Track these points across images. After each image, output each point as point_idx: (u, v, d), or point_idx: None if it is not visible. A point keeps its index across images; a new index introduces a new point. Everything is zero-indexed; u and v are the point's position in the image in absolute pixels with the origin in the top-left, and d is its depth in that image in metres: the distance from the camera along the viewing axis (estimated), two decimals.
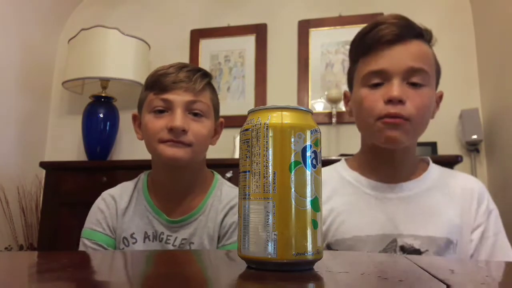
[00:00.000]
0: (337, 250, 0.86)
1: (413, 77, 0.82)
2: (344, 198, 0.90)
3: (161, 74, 0.93)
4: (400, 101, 0.80)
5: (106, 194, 1.00)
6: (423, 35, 0.87)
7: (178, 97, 0.91)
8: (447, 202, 0.87)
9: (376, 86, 0.84)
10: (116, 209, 0.96)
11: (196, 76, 0.93)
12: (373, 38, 0.85)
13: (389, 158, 0.88)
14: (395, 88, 0.80)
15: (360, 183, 0.90)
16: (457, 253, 0.84)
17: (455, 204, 0.87)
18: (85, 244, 0.95)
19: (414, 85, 0.82)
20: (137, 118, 1.01)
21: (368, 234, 0.84)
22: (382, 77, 0.83)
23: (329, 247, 0.88)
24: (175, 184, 0.96)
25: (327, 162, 1.05)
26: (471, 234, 0.85)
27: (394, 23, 0.84)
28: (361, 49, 0.89)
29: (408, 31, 0.84)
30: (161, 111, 0.92)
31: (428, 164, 0.93)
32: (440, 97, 0.92)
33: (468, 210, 0.86)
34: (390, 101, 0.81)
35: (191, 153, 0.91)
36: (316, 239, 0.40)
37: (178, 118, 0.89)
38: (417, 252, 0.82)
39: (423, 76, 0.83)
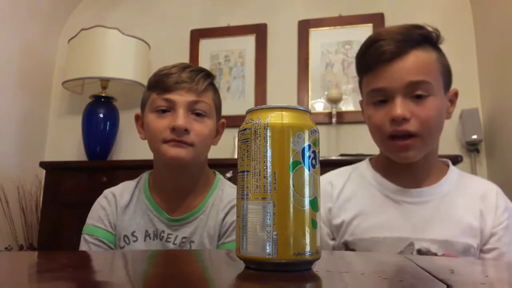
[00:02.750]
0: (354, 249, 0.87)
1: (416, 90, 0.82)
2: (364, 198, 0.90)
3: (164, 74, 0.94)
4: (404, 119, 0.81)
5: (107, 191, 1.01)
6: (424, 40, 0.85)
7: (181, 97, 0.92)
8: (466, 205, 0.87)
9: (381, 102, 0.85)
10: (117, 206, 0.97)
11: (199, 76, 0.94)
12: (371, 56, 0.85)
13: (408, 166, 0.88)
14: (397, 107, 0.81)
15: (381, 185, 0.90)
16: (479, 255, 0.84)
17: (474, 207, 0.86)
18: (86, 240, 0.95)
19: (419, 97, 0.82)
20: (140, 118, 1.02)
21: (386, 236, 0.85)
22: (384, 95, 0.84)
23: (346, 245, 0.88)
24: (177, 183, 0.97)
25: (326, 162, 1.06)
26: (493, 229, 0.85)
27: (392, 38, 0.83)
28: (362, 67, 0.90)
29: (406, 44, 0.83)
30: (163, 111, 0.93)
31: (448, 166, 0.93)
32: (455, 95, 0.91)
33: (487, 211, 0.86)
34: (394, 120, 0.81)
35: (193, 152, 0.92)
36: (315, 239, 0.40)
37: (181, 118, 0.90)
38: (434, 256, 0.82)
39: (426, 87, 0.82)
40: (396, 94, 0.82)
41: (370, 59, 0.85)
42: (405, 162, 0.85)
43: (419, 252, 0.83)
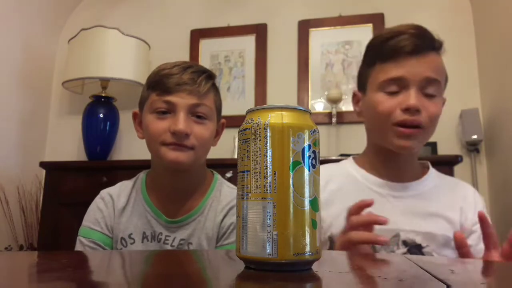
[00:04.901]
0: None
1: (428, 87, 0.87)
2: (350, 193, 0.93)
3: (165, 74, 0.91)
4: (417, 110, 0.85)
5: (105, 192, 0.99)
6: (437, 47, 0.90)
7: (182, 100, 0.89)
8: (447, 201, 0.92)
9: (393, 93, 0.88)
10: (114, 209, 0.96)
11: (201, 78, 0.91)
12: (393, 47, 0.88)
13: (393, 159, 0.92)
14: (413, 97, 0.85)
15: (367, 180, 0.94)
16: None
17: (455, 203, 0.92)
18: (82, 242, 0.94)
19: (428, 95, 0.87)
20: (138, 116, 0.99)
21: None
22: (400, 85, 0.87)
23: (332, 239, 0.90)
24: (175, 185, 0.95)
25: (327, 162, 1.06)
26: (473, 226, 0.90)
27: (414, 34, 0.87)
28: (379, 55, 0.92)
29: (427, 43, 0.88)
30: (163, 112, 0.90)
31: (428, 168, 0.99)
32: (443, 103, 0.96)
33: (467, 208, 0.91)
34: (407, 110, 0.85)
35: (193, 156, 0.90)
36: (315, 239, 0.40)
37: (181, 122, 0.88)
38: (419, 247, 0.86)
39: (437, 87, 0.87)
40: (411, 85, 0.86)
41: (391, 49, 0.88)
42: (402, 152, 0.89)
43: (405, 243, 0.86)
